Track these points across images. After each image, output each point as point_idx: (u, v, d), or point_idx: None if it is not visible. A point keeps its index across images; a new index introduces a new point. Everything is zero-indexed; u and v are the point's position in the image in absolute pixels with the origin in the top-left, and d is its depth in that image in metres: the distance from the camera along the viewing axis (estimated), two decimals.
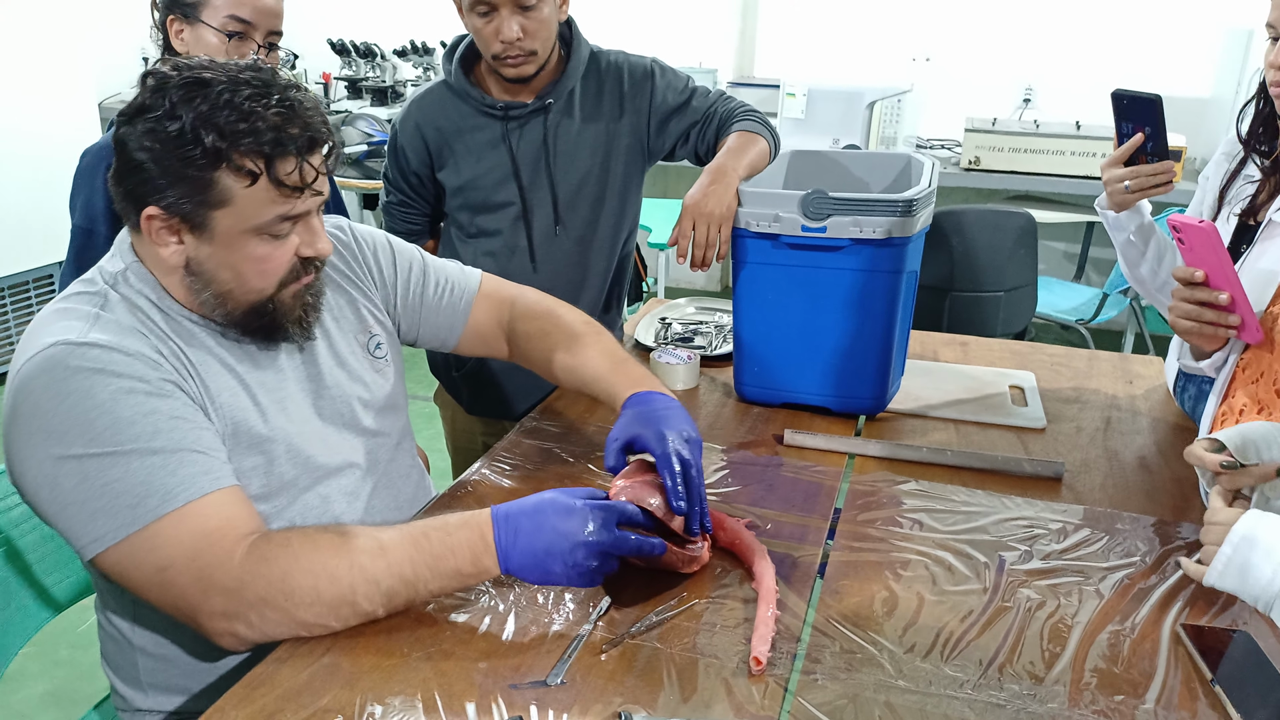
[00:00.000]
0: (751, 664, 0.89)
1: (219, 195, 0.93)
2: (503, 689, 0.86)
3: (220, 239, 0.96)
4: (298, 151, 0.94)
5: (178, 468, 0.91)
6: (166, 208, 0.94)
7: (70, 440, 0.89)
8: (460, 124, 1.58)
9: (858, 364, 1.41)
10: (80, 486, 0.88)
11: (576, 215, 1.62)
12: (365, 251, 1.23)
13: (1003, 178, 3.56)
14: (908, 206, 1.30)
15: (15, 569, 1.22)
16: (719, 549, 1.09)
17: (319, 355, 1.12)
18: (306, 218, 0.99)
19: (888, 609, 1.00)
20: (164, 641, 1.05)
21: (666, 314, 1.89)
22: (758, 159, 1.49)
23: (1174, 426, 1.47)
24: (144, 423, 0.91)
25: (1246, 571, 0.89)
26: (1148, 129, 1.31)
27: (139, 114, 0.92)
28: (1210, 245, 1.06)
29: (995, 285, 2.75)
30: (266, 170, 0.93)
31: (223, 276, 0.98)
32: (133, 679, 1.07)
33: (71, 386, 0.90)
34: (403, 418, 1.25)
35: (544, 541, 0.93)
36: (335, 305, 1.17)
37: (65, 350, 0.91)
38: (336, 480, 1.10)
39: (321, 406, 1.11)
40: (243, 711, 0.83)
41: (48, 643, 2.09)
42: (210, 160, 0.91)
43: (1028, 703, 0.87)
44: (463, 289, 1.30)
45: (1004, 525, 1.17)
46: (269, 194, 0.94)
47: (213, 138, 0.90)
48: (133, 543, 0.88)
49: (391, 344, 1.24)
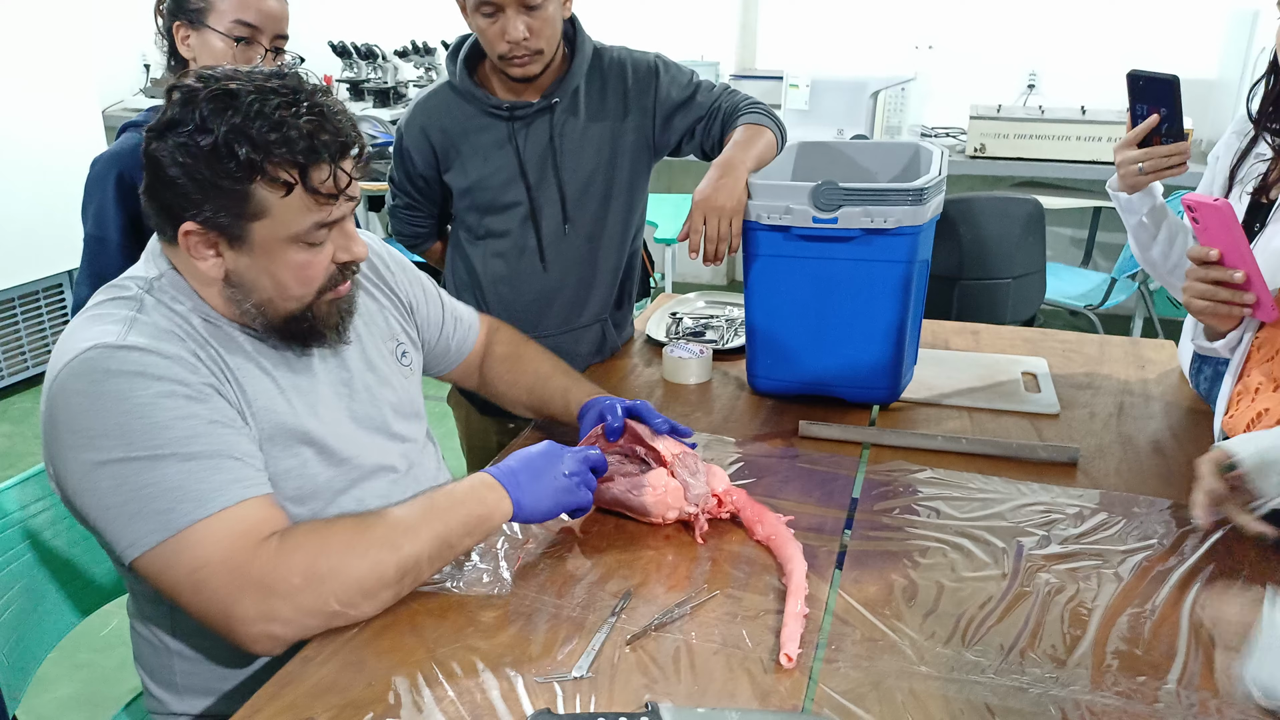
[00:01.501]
0: (782, 660, 0.89)
1: (255, 207, 0.93)
2: (529, 682, 0.87)
3: (259, 249, 0.96)
4: (331, 158, 0.94)
5: (212, 474, 0.91)
6: (204, 222, 0.94)
7: (108, 445, 0.89)
8: (466, 125, 1.58)
9: (871, 354, 1.42)
10: (117, 491, 0.89)
11: (585, 213, 1.62)
12: (392, 266, 1.25)
13: (1008, 164, 3.55)
14: (919, 195, 1.31)
15: (44, 574, 1.23)
16: (755, 542, 1.10)
17: (350, 360, 1.13)
18: (342, 223, 1.00)
19: (907, 596, 1.01)
20: (200, 645, 1.06)
21: (677, 309, 1.90)
22: (765, 151, 1.49)
23: (1187, 410, 1.47)
24: (180, 427, 0.91)
25: None
26: (1163, 110, 1.30)
27: (169, 129, 0.92)
28: (1225, 224, 1.06)
29: (1004, 272, 2.75)
30: (301, 179, 0.93)
31: (263, 285, 0.98)
32: (168, 682, 1.08)
33: (108, 389, 0.90)
34: (425, 423, 1.27)
35: (536, 469, 1.04)
36: (366, 311, 1.18)
37: (102, 353, 0.92)
38: (371, 483, 1.11)
39: (355, 409, 1.12)
40: (273, 708, 0.84)
41: (69, 647, 2.09)
42: (245, 173, 0.91)
43: (1050, 686, 0.87)
44: (468, 324, 1.38)
45: (1021, 511, 1.17)
46: (305, 202, 0.94)
47: (246, 150, 0.90)
48: (168, 546, 0.89)
49: (416, 354, 1.27)
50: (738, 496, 1.14)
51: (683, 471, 1.12)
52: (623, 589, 1.01)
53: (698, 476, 1.12)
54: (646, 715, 0.81)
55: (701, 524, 1.11)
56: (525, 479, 1.04)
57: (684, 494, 1.11)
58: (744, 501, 1.13)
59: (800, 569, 1.01)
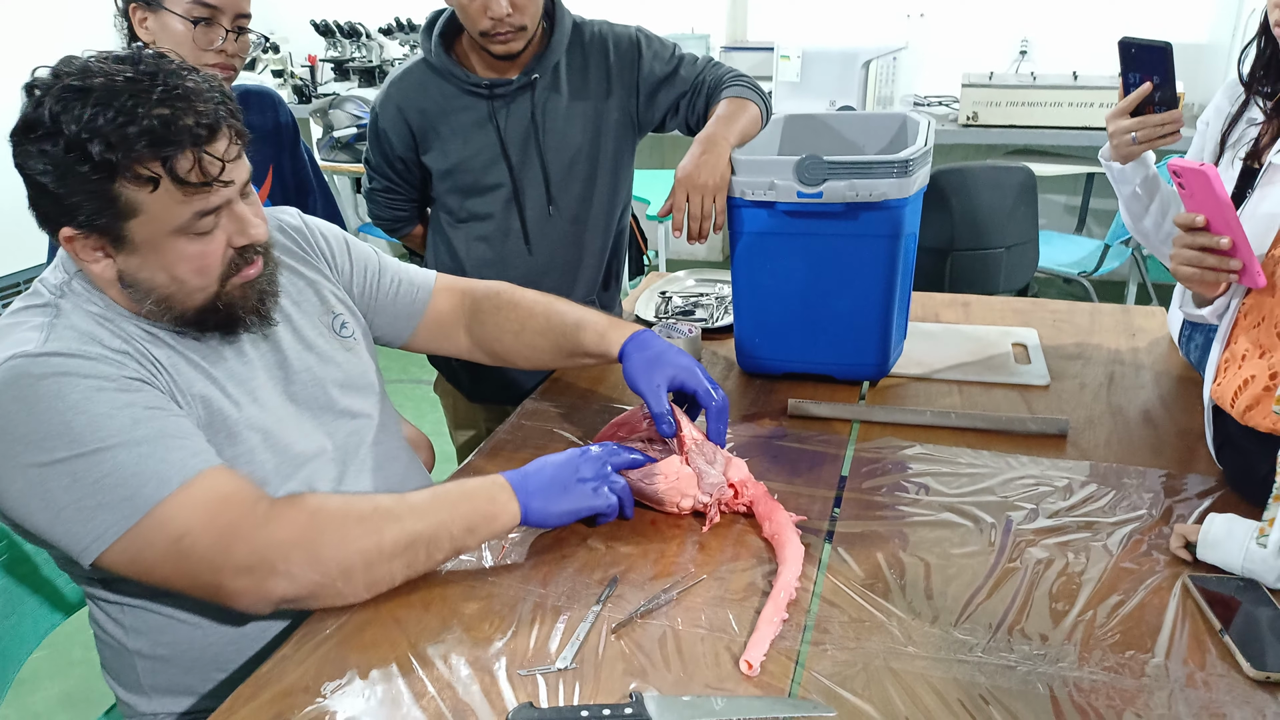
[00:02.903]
0: (742, 666, 0.86)
1: (126, 206, 0.88)
2: (512, 674, 0.87)
3: (144, 247, 0.92)
4: (194, 144, 0.88)
5: (166, 454, 0.90)
6: (80, 226, 0.90)
7: (51, 446, 0.87)
8: (444, 104, 1.55)
9: (859, 330, 1.40)
10: (71, 489, 0.87)
11: (569, 194, 1.60)
12: (317, 236, 1.21)
13: (1001, 132, 3.52)
14: (904, 167, 1.28)
15: (23, 572, 1.22)
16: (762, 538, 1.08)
17: (283, 341, 1.10)
18: (229, 207, 0.95)
19: (895, 575, 1.00)
20: (159, 642, 1.04)
21: (666, 287, 1.88)
22: (749, 125, 1.46)
23: (1178, 379, 1.46)
24: (121, 416, 0.89)
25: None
26: (1156, 78, 1.28)
27: (25, 133, 0.87)
28: (1210, 189, 1.04)
29: (997, 242, 2.73)
30: (166, 172, 0.88)
31: (160, 281, 0.94)
32: (133, 684, 1.07)
33: (40, 393, 0.88)
34: (383, 398, 1.23)
35: (549, 473, 1.03)
36: (294, 289, 1.14)
37: (25, 362, 0.89)
38: (317, 465, 1.09)
39: (294, 392, 1.09)
40: (251, 707, 0.83)
41: (61, 644, 2.10)
42: (104, 173, 0.86)
43: (1038, 664, 0.87)
44: (418, 284, 1.30)
45: (1010, 485, 1.16)
46: (176, 195, 0.89)
47: (99, 149, 0.85)
48: (140, 530, 0.88)
49: (357, 323, 1.23)
50: (754, 489, 1.11)
51: (698, 460, 1.09)
52: (608, 576, 1.00)
53: (715, 465, 1.10)
54: (630, 706, 0.81)
55: (713, 515, 1.09)
56: (536, 484, 1.01)
57: (698, 482, 1.08)
58: (760, 496, 1.10)
59: (790, 574, 0.98)
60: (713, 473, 1.09)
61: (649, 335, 1.20)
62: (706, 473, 1.09)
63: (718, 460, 1.11)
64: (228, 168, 0.92)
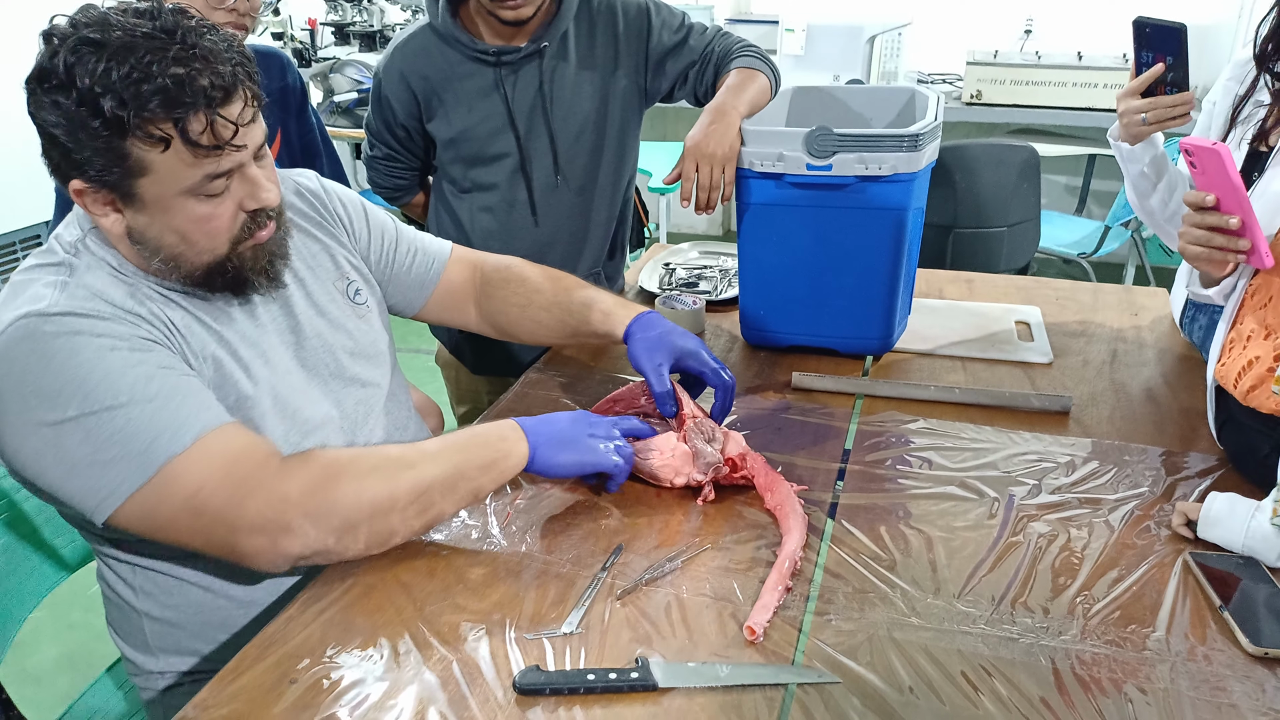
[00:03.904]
0: (745, 633, 0.87)
1: (136, 164, 0.87)
2: (519, 639, 0.87)
3: (153, 206, 0.90)
4: (208, 105, 0.87)
5: (179, 409, 0.89)
6: (90, 180, 0.89)
7: (64, 403, 0.87)
8: (449, 71, 1.53)
9: (864, 304, 1.40)
10: (86, 443, 0.87)
11: (576, 164, 1.58)
12: (335, 202, 1.20)
13: (1005, 111, 3.50)
14: (914, 141, 1.28)
15: (22, 532, 1.22)
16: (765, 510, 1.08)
17: (296, 305, 1.09)
18: (241, 170, 0.93)
19: (899, 548, 1.01)
20: (168, 605, 1.05)
21: (670, 259, 1.87)
22: (758, 96, 1.45)
23: (1180, 357, 1.46)
24: (134, 373, 0.89)
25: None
26: (1169, 59, 1.27)
27: (40, 82, 0.86)
28: (1221, 168, 1.04)
29: (999, 221, 2.72)
30: (178, 133, 0.86)
31: (168, 241, 0.93)
32: (141, 644, 1.07)
33: (54, 350, 0.87)
34: (394, 367, 1.23)
35: (561, 425, 1.04)
36: (309, 253, 1.14)
37: (39, 320, 0.88)
38: (325, 433, 1.08)
39: (304, 357, 1.09)
40: (258, 668, 0.83)
41: (60, 606, 2.10)
42: (115, 130, 0.85)
43: (1040, 636, 0.88)
44: (434, 254, 1.29)
45: (1013, 460, 1.17)
46: (187, 156, 0.88)
47: (111, 105, 0.83)
48: (154, 484, 0.87)
49: (371, 291, 1.22)
50: (754, 462, 1.11)
51: (696, 437, 1.09)
52: (613, 544, 1.01)
53: (713, 443, 1.09)
54: (636, 670, 0.81)
55: (708, 493, 1.08)
56: (547, 433, 1.02)
57: (693, 460, 1.08)
58: (759, 468, 1.10)
59: (794, 543, 0.98)
60: (710, 451, 1.08)
61: (654, 316, 1.20)
62: (704, 451, 1.08)
63: (716, 438, 1.10)
64: (241, 131, 0.90)
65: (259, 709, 0.79)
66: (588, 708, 0.79)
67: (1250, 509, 0.98)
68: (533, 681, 0.80)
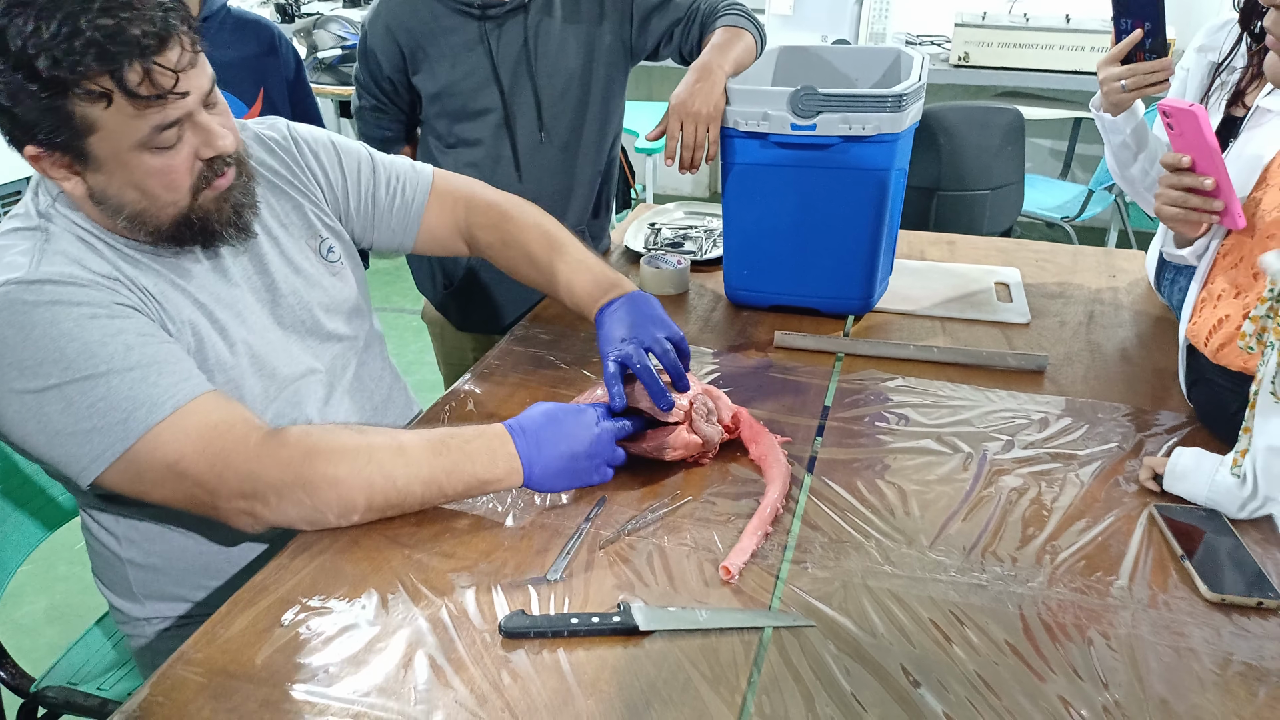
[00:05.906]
0: (721, 572, 0.90)
1: (82, 123, 0.86)
2: (503, 585, 0.89)
3: (109, 163, 0.90)
4: (142, 55, 0.85)
5: (158, 378, 0.90)
6: (41, 145, 0.88)
7: (46, 371, 0.87)
8: (434, 25, 1.52)
9: (846, 264, 1.42)
10: (67, 412, 0.88)
11: (561, 121, 1.58)
12: (306, 154, 1.18)
13: (992, 74, 3.50)
14: (897, 102, 1.29)
15: (10, 485, 1.23)
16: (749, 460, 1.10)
17: (270, 262, 1.09)
18: (191, 118, 0.92)
19: (875, 500, 1.03)
20: (152, 552, 1.06)
21: (656, 219, 1.88)
22: (744, 55, 1.45)
23: (1155, 319, 1.49)
24: (114, 343, 0.90)
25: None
26: (1147, 24, 1.28)
27: None
28: (1198, 129, 1.06)
29: (982, 184, 2.73)
30: (117, 86, 0.84)
31: (130, 198, 0.93)
32: (126, 591, 1.09)
33: (34, 319, 0.87)
34: (368, 322, 1.24)
35: (566, 445, 0.98)
36: (281, 211, 1.13)
37: (18, 289, 0.88)
38: (304, 385, 1.09)
39: (280, 315, 1.09)
40: (249, 614, 0.85)
41: (46, 559, 2.13)
42: (55, 90, 0.83)
43: (1009, 583, 0.91)
44: (414, 188, 1.26)
45: (988, 417, 1.20)
46: (129, 109, 0.86)
47: (46, 65, 0.82)
48: (135, 451, 0.89)
49: (345, 247, 1.22)
50: (742, 416, 1.13)
51: (701, 424, 1.09)
52: (596, 496, 1.03)
53: (712, 424, 1.10)
54: (619, 615, 0.84)
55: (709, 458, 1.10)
56: (543, 468, 0.97)
57: (702, 445, 1.08)
58: (746, 419, 1.13)
59: (777, 491, 1.01)
60: (715, 431, 1.10)
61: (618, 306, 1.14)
62: (709, 434, 1.09)
63: (713, 415, 1.11)
64: (181, 78, 0.88)
65: (250, 653, 0.81)
66: (571, 650, 0.82)
67: (1215, 463, 1.01)
68: (518, 625, 0.83)
